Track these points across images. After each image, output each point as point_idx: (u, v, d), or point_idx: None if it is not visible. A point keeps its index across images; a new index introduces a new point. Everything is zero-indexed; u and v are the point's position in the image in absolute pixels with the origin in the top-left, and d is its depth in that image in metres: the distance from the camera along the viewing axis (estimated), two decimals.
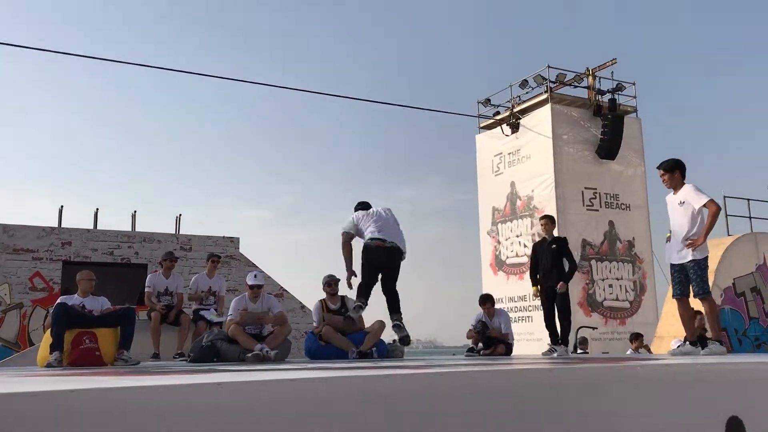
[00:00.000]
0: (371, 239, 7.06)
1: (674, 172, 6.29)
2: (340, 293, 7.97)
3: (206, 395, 2.38)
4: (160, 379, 2.87)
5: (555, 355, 7.55)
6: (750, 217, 16.05)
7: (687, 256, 6.08)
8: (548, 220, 8.19)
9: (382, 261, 7.07)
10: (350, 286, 7.35)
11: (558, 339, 7.74)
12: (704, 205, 6.03)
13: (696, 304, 6.43)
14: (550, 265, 7.80)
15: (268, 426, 2.37)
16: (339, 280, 7.90)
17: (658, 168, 6.42)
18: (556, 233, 8.45)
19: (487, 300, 9.41)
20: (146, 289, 8.52)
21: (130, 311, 6.62)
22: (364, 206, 7.58)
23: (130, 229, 13.72)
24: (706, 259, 6.13)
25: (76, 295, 6.68)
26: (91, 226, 13.45)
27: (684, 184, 6.27)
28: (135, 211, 14.07)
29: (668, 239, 6.37)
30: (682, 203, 6.15)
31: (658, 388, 3.68)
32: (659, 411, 3.56)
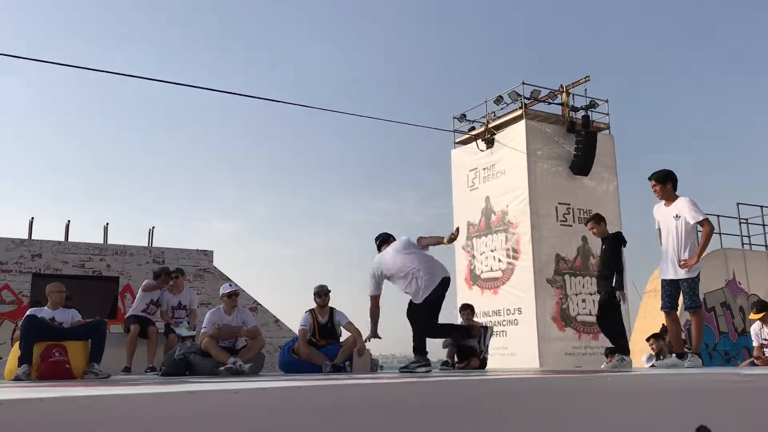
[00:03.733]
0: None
1: (666, 183, 6.21)
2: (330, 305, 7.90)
3: (179, 404, 2.37)
4: (132, 389, 2.84)
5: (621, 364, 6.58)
6: (720, 234, 16.34)
7: (681, 273, 6.04)
8: (594, 222, 7.04)
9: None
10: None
11: (626, 349, 6.80)
12: (699, 223, 5.99)
13: (662, 319, 6.47)
14: (600, 268, 6.97)
15: None
16: (329, 291, 7.84)
17: (650, 178, 6.31)
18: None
19: (467, 307, 9.38)
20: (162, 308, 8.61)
21: (101, 324, 6.54)
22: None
23: (102, 242, 13.56)
24: (698, 276, 6.10)
25: (45, 307, 6.60)
26: (62, 239, 13.26)
27: (677, 196, 6.20)
28: (107, 224, 13.91)
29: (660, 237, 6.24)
30: (677, 217, 6.09)
31: (628, 399, 3.72)
32: (629, 421, 3.60)
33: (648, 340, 11.11)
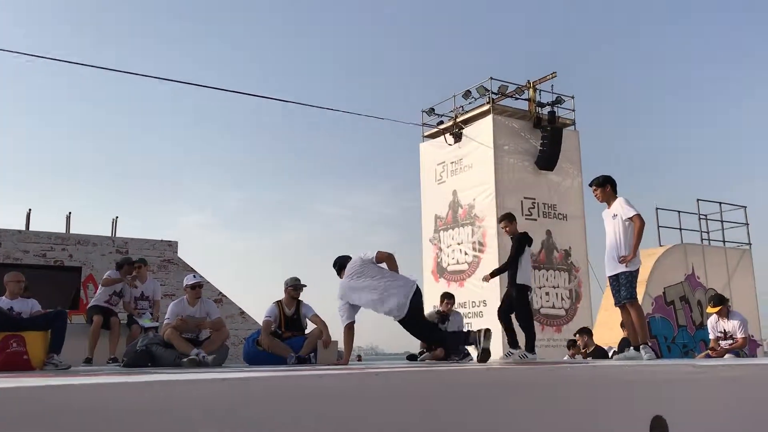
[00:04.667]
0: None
1: (605, 186, 6.55)
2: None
3: (137, 394, 2.35)
4: (90, 379, 2.81)
5: (511, 359, 7.46)
6: (680, 229, 16.67)
7: (620, 267, 6.32)
8: (507, 221, 7.68)
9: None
10: None
11: (516, 343, 7.50)
12: (630, 219, 6.27)
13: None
14: (506, 264, 7.48)
15: (201, 424, 2.36)
16: (305, 286, 7.83)
17: (590, 185, 6.69)
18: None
19: (449, 296, 10.03)
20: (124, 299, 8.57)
21: (61, 314, 6.43)
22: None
23: (64, 231, 13.33)
24: (637, 270, 6.39)
25: (3, 297, 6.48)
26: (23, 227, 13.00)
27: (616, 197, 6.52)
28: (70, 213, 13.67)
29: None
30: (615, 216, 6.39)
31: (587, 389, 3.80)
32: (587, 411, 3.67)
33: (575, 334, 11.46)
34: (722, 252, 17.02)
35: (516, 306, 7.46)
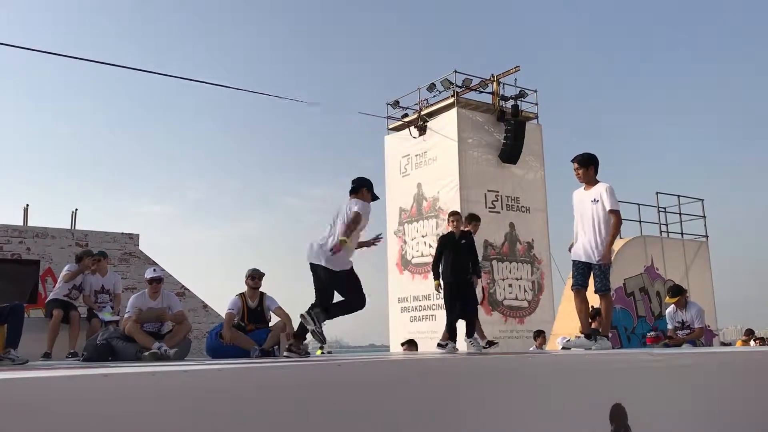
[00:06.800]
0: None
1: (589, 167, 6.21)
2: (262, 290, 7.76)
3: (94, 386, 2.32)
4: (46, 372, 2.76)
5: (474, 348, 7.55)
6: (640, 221, 16.96)
7: (593, 258, 6.09)
8: (459, 217, 7.90)
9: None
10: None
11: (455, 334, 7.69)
12: (610, 212, 6.03)
13: (594, 301, 6.57)
14: (465, 259, 7.57)
15: (161, 415, 2.33)
16: (263, 274, 7.74)
17: (573, 161, 6.31)
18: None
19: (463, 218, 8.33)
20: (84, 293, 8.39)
21: (18, 307, 6.28)
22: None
23: (21, 224, 13.04)
24: (610, 262, 6.15)
25: None
26: None
27: (598, 181, 6.21)
28: (27, 205, 13.38)
29: (571, 247, 6.35)
30: (595, 201, 6.11)
31: (549, 378, 3.85)
32: (549, 399, 3.72)
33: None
34: (680, 244, 17.37)
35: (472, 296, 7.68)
